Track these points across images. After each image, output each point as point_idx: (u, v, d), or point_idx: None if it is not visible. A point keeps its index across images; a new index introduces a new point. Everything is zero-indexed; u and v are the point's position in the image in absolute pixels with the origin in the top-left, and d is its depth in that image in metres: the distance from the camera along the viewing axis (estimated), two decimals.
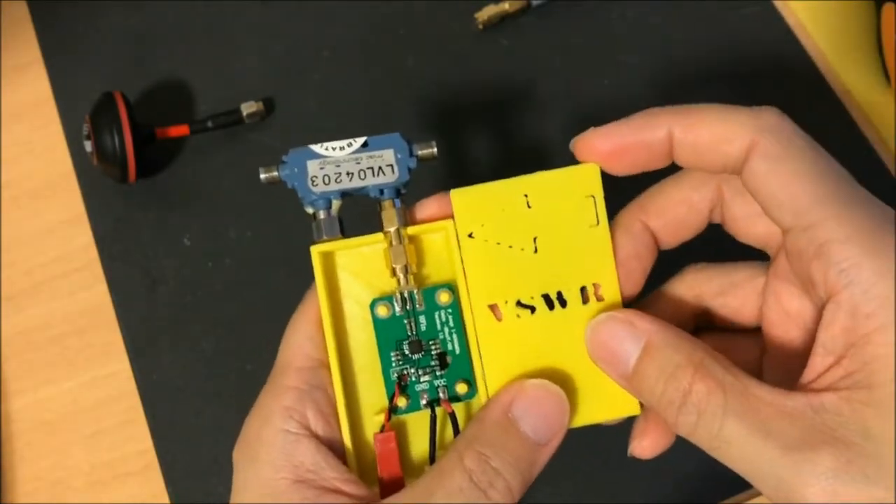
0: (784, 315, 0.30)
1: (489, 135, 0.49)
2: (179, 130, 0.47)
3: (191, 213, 0.47)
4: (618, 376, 0.28)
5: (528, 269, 0.29)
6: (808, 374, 0.26)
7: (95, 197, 0.48)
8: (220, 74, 0.50)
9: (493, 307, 0.29)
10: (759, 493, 0.42)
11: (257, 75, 0.50)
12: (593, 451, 0.42)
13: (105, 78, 0.50)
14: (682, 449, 0.42)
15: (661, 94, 0.49)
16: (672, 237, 0.31)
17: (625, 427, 0.42)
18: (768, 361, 0.31)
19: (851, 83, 0.50)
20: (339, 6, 0.52)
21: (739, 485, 0.42)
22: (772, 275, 0.30)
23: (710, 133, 0.27)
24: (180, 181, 0.48)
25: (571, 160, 0.30)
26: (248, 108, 0.48)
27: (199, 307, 0.45)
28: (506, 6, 0.50)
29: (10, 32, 0.52)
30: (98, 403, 0.45)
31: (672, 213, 0.31)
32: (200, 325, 0.45)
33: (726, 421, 0.25)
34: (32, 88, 0.51)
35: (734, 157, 0.27)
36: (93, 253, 0.47)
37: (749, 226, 0.30)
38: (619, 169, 0.29)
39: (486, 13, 0.50)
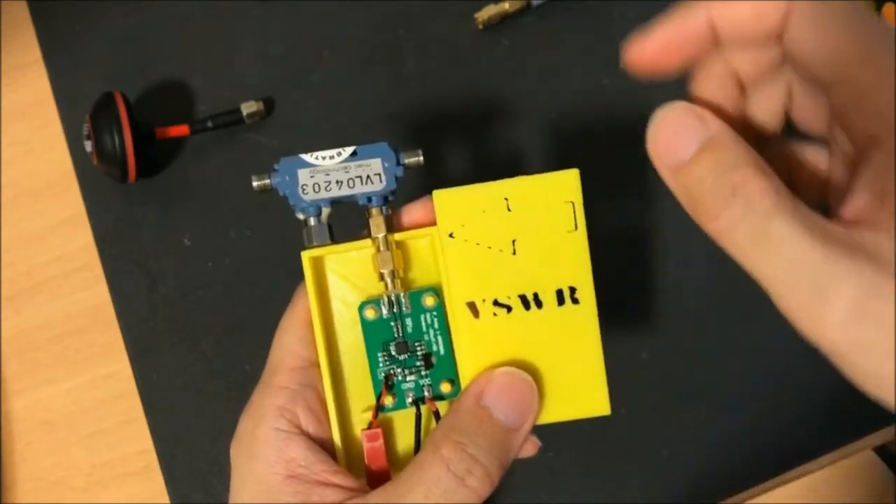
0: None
1: (489, 134, 0.49)
2: (179, 130, 0.47)
3: (191, 213, 0.47)
4: (669, 162, 0.27)
5: (507, 269, 0.30)
6: (848, 211, 0.25)
7: (95, 197, 0.48)
8: (220, 74, 0.50)
9: (471, 305, 0.30)
10: (758, 494, 0.42)
11: (257, 75, 0.50)
12: (592, 450, 0.42)
13: (105, 78, 0.50)
14: (682, 449, 0.42)
15: (661, 93, 0.49)
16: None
17: (623, 429, 0.42)
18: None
19: None
20: (338, 6, 0.52)
21: (739, 485, 0.42)
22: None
23: (749, 7, 0.27)
24: (180, 181, 0.48)
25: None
26: (248, 108, 0.48)
27: (199, 307, 0.45)
28: (506, 6, 0.50)
29: (10, 32, 0.52)
30: (98, 403, 0.45)
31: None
32: (200, 325, 0.45)
33: (775, 219, 0.24)
34: (32, 88, 0.51)
35: (774, 26, 0.27)
36: (93, 253, 0.47)
37: None
38: (675, 64, 0.29)
39: (486, 13, 0.50)
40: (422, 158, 0.31)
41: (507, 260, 0.30)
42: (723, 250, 0.32)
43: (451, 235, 0.30)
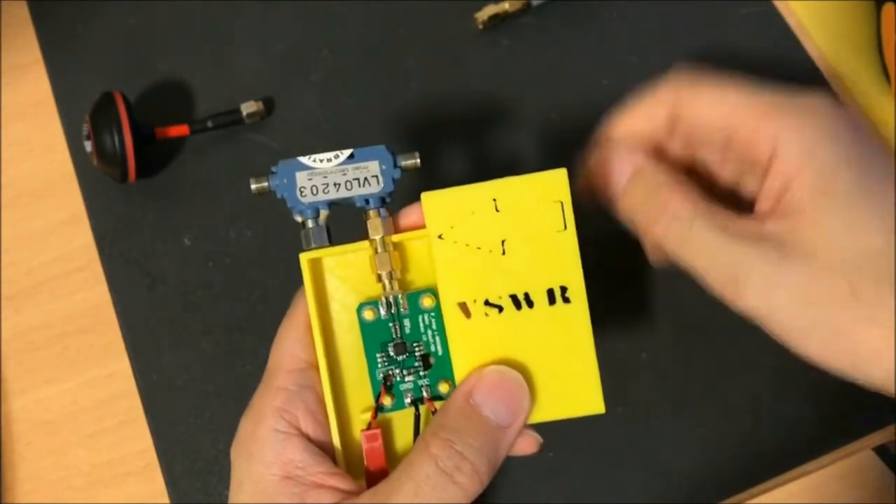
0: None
1: (489, 134, 0.49)
2: (179, 130, 0.47)
3: (191, 213, 0.47)
4: (609, 193, 0.33)
5: (497, 270, 0.30)
6: (758, 209, 0.31)
7: (95, 197, 0.48)
8: (220, 74, 0.50)
9: (462, 305, 0.30)
10: (758, 494, 0.42)
11: (257, 75, 0.50)
12: (592, 450, 0.42)
13: (105, 78, 0.50)
14: (682, 449, 0.42)
15: None
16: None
17: (622, 429, 0.42)
18: None
19: (851, 83, 0.50)
20: (339, 6, 0.52)
21: (739, 485, 0.42)
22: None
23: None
24: (180, 181, 0.48)
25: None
26: (248, 108, 0.48)
27: (199, 307, 0.45)
28: (506, 6, 0.50)
29: (10, 32, 0.52)
30: (98, 403, 0.45)
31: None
32: (200, 325, 0.45)
33: (695, 222, 0.30)
34: (32, 88, 0.51)
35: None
36: (93, 253, 0.47)
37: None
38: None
39: (486, 13, 0.50)
40: (419, 161, 0.31)
41: (496, 260, 0.30)
42: None
43: (440, 237, 0.30)
